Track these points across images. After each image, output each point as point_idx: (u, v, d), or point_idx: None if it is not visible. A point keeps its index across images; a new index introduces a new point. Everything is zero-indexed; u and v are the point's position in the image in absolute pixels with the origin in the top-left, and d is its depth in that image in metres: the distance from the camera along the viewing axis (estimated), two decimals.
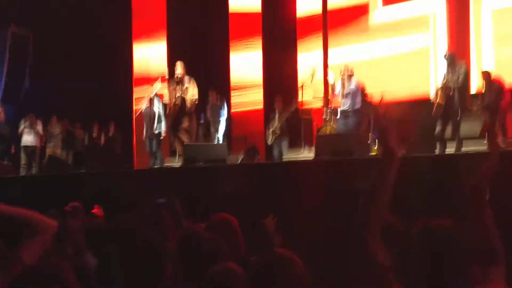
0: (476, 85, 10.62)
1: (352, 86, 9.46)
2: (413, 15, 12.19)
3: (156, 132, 10.69)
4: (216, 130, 11.20)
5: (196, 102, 9.97)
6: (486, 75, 9.40)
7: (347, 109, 9.43)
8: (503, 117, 9.27)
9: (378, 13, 12.73)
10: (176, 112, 9.91)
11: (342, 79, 9.50)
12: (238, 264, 2.91)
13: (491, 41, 11.20)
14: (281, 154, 10.88)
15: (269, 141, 11.05)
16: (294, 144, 11.21)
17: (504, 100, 9.23)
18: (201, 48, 13.50)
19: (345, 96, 9.46)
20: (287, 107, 10.98)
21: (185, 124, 9.80)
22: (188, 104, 9.76)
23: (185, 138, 9.82)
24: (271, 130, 11.02)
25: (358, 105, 9.45)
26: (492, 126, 9.04)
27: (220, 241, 3.26)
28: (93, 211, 5.54)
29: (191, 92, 9.82)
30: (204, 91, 11.53)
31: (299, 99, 11.13)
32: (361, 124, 9.59)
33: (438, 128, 8.78)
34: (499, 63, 10.63)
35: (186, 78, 9.90)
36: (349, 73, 9.52)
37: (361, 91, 9.65)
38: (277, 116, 11.08)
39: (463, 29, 11.56)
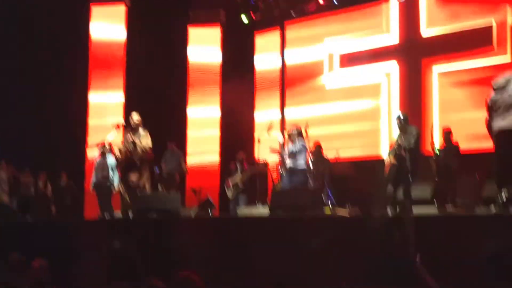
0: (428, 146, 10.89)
1: (298, 146, 9.57)
2: (368, 78, 12.55)
3: (108, 184, 10.58)
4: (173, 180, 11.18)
5: (149, 151, 9.89)
6: (447, 134, 9.59)
7: (293, 167, 9.54)
8: (454, 181, 9.46)
9: (333, 75, 13.06)
10: (128, 161, 9.81)
11: (290, 139, 9.61)
12: None
13: (437, 105, 11.56)
14: (237, 208, 10.82)
15: (231, 196, 10.97)
16: (251, 200, 11.20)
17: (458, 164, 9.44)
18: (159, 99, 13.47)
19: (290, 155, 9.57)
20: (256, 164, 11.02)
21: (134, 176, 9.69)
22: (139, 152, 9.70)
23: (131, 188, 9.69)
24: (232, 183, 10.96)
25: (302, 166, 9.58)
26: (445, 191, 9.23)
27: None
28: (34, 263, 5.33)
29: (145, 141, 9.77)
30: (162, 143, 11.57)
31: (256, 153, 11.20)
32: (307, 183, 9.63)
33: (389, 189, 8.87)
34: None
35: (141, 128, 9.85)
36: (298, 131, 9.63)
37: (306, 151, 9.74)
38: (239, 168, 11.07)
39: (414, 92, 11.92)
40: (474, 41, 11.14)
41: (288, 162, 9.60)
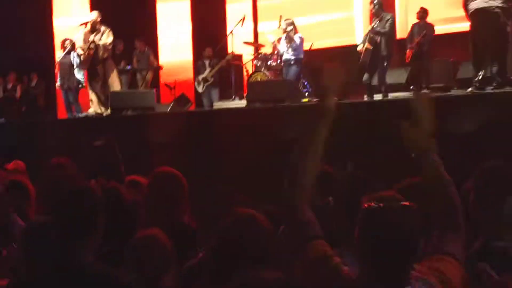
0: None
1: (297, 41, 9.54)
2: None
3: (74, 82, 10.57)
4: (143, 78, 11.03)
5: (109, 48, 9.76)
6: (422, 13, 9.47)
7: (289, 58, 9.51)
8: (428, 64, 9.46)
9: None
10: (91, 59, 9.69)
11: (288, 36, 9.50)
12: (173, 230, 2.79)
13: None
14: (211, 102, 10.76)
15: (200, 89, 10.89)
16: (224, 94, 11.13)
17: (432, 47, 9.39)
18: None
19: (289, 49, 9.53)
20: (224, 56, 10.87)
21: (100, 72, 9.61)
22: (100, 51, 9.55)
23: (99, 88, 9.60)
24: (201, 77, 10.85)
25: (301, 54, 9.59)
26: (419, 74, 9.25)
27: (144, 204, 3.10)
28: (8, 166, 5.26)
29: (105, 39, 9.62)
30: (131, 40, 11.30)
31: (229, 46, 11.01)
32: (301, 73, 9.64)
33: (365, 76, 8.84)
34: None
35: (103, 26, 9.65)
36: (292, 23, 9.56)
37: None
38: (207, 63, 10.94)
39: None
40: None
41: (289, 54, 9.58)
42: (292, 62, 9.55)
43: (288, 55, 9.62)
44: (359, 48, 8.93)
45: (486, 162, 2.66)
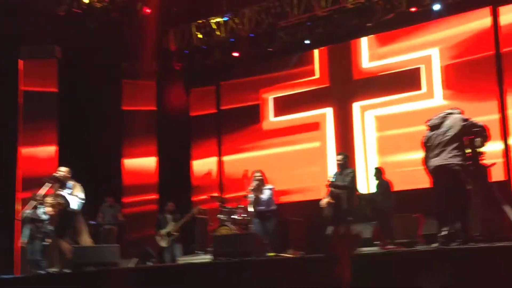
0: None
1: (267, 191, 9.71)
2: (303, 124, 12.73)
3: (41, 236, 10.21)
4: (109, 232, 10.91)
5: (82, 202, 9.66)
6: (378, 172, 9.77)
7: (264, 210, 9.57)
8: (391, 219, 9.61)
9: (269, 123, 13.20)
10: (60, 214, 9.53)
11: (257, 187, 9.65)
12: None
13: (375, 146, 11.80)
14: (174, 257, 10.58)
15: (164, 244, 10.73)
16: (188, 249, 10.99)
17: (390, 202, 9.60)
18: (94, 152, 13.10)
19: (260, 202, 9.63)
20: (191, 211, 10.88)
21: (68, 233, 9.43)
22: (71, 205, 9.46)
23: (67, 245, 9.36)
24: (164, 231, 10.73)
25: (274, 206, 9.69)
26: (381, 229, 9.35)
27: None
28: None
29: (75, 193, 9.56)
30: (99, 195, 11.31)
31: (194, 199, 11.10)
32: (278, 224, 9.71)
33: (329, 229, 8.93)
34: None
35: (72, 182, 9.64)
36: (260, 181, 9.73)
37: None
38: (170, 218, 10.89)
39: (347, 133, 12.15)
40: (404, 84, 11.49)
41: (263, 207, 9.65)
42: (268, 215, 9.56)
43: (260, 206, 9.62)
44: (322, 203, 9.09)
45: None
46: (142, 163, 13.66)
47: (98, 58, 12.79)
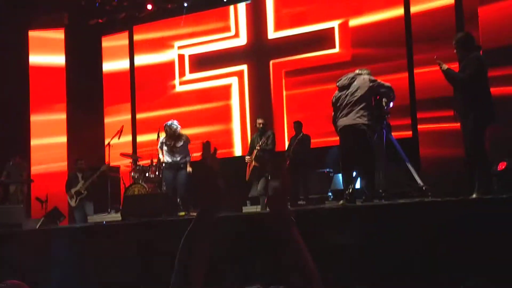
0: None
1: (182, 142, 9.48)
2: (219, 80, 12.61)
3: None
4: (20, 190, 10.55)
5: None
6: (298, 126, 9.85)
7: (179, 161, 9.41)
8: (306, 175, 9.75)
9: (184, 79, 12.99)
10: None
11: (172, 138, 9.42)
12: None
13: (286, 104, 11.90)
14: (85, 216, 10.35)
15: (73, 203, 10.47)
16: (100, 207, 10.79)
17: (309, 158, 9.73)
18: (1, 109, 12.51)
19: (175, 151, 9.41)
20: (100, 167, 10.60)
21: None
22: None
23: None
24: (74, 190, 10.46)
25: (189, 157, 9.50)
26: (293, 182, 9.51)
27: None
28: None
29: None
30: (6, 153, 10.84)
31: (106, 157, 10.84)
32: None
33: (259, 186, 9.31)
34: None
35: None
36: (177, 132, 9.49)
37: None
38: (80, 176, 10.60)
39: (264, 91, 12.16)
40: (318, 43, 11.55)
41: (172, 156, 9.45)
42: (182, 166, 9.42)
43: (175, 158, 9.46)
44: (246, 159, 9.51)
45: None
46: (51, 119, 13.14)
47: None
